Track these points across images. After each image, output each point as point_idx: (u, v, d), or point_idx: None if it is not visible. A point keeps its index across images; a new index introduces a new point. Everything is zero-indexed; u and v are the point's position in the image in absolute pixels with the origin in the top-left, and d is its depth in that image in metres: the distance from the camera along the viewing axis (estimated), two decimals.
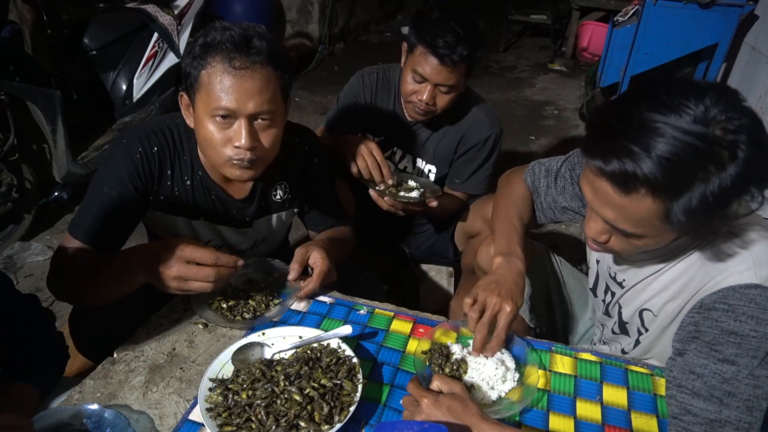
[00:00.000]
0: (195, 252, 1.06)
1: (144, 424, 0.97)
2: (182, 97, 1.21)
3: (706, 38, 3.51)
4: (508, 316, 1.07)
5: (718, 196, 0.80)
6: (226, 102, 1.11)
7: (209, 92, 1.11)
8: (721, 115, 0.80)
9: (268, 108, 1.14)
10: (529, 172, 1.36)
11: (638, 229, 0.91)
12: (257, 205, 1.41)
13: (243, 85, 1.10)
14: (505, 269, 1.14)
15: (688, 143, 0.79)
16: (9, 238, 2.61)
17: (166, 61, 3.09)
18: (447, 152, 1.89)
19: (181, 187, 1.31)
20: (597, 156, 0.86)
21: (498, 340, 1.07)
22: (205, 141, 1.17)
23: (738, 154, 0.79)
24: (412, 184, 1.76)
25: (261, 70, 1.12)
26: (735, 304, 0.91)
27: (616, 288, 1.21)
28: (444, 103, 1.69)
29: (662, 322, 1.10)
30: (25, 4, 2.65)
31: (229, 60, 1.09)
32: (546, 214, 1.34)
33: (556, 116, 4.62)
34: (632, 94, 0.91)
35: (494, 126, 1.84)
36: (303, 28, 5.75)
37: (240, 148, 1.14)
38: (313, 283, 1.26)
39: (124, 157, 1.23)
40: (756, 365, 0.89)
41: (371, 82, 1.88)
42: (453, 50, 1.55)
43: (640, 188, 0.83)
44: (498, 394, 1.04)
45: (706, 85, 0.84)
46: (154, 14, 2.99)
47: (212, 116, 1.13)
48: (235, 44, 1.10)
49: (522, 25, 6.91)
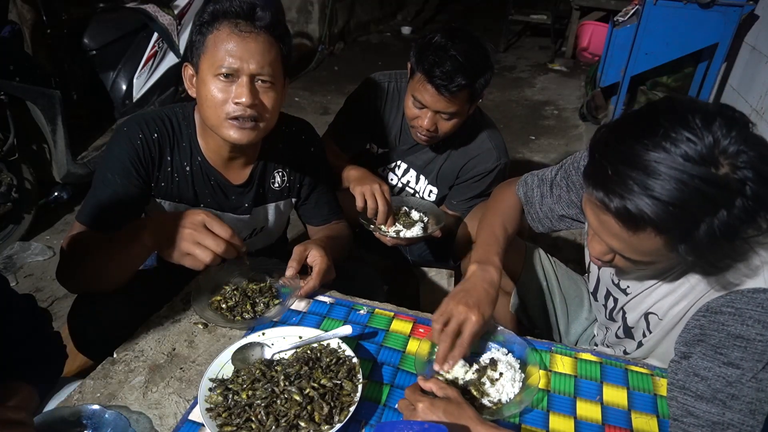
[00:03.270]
0: (214, 219, 1.10)
1: (144, 424, 0.97)
2: (186, 67, 1.27)
3: (706, 38, 3.51)
4: (473, 326, 1.05)
5: (725, 231, 0.79)
6: (230, 60, 1.17)
7: (215, 53, 1.18)
8: (731, 147, 0.77)
9: (269, 71, 1.20)
10: (522, 184, 1.35)
11: (645, 257, 0.91)
12: (256, 192, 1.43)
13: (246, 46, 1.17)
14: (478, 278, 1.12)
15: (695, 188, 0.76)
16: (9, 238, 2.61)
17: (166, 61, 3.09)
18: (450, 175, 1.86)
19: (181, 173, 1.34)
20: (600, 190, 0.84)
21: (460, 350, 1.05)
22: (207, 100, 1.21)
23: (746, 191, 0.77)
24: (414, 216, 1.76)
25: (264, 35, 1.19)
26: (742, 308, 0.91)
27: (620, 294, 1.21)
28: (447, 129, 1.64)
29: (667, 325, 1.10)
30: (25, 4, 2.65)
31: (235, 24, 1.18)
32: (543, 224, 1.32)
33: (556, 116, 4.62)
34: (634, 124, 0.86)
35: (501, 158, 1.79)
36: (303, 28, 5.75)
37: (240, 104, 1.18)
38: (313, 282, 1.26)
39: (126, 144, 1.27)
40: (760, 369, 0.88)
41: (381, 92, 1.83)
42: (450, 80, 1.49)
43: (647, 227, 0.82)
44: (508, 397, 1.03)
45: (713, 111, 0.80)
46: (154, 14, 2.99)
47: (216, 75, 1.18)
48: (242, 10, 1.18)
49: (522, 25, 6.91)
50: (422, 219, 1.77)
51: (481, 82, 1.57)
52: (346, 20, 6.26)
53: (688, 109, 0.81)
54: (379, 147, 1.90)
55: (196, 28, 1.22)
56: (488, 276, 1.13)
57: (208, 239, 1.07)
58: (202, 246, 1.07)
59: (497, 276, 1.14)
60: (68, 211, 2.90)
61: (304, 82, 5.09)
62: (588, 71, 4.93)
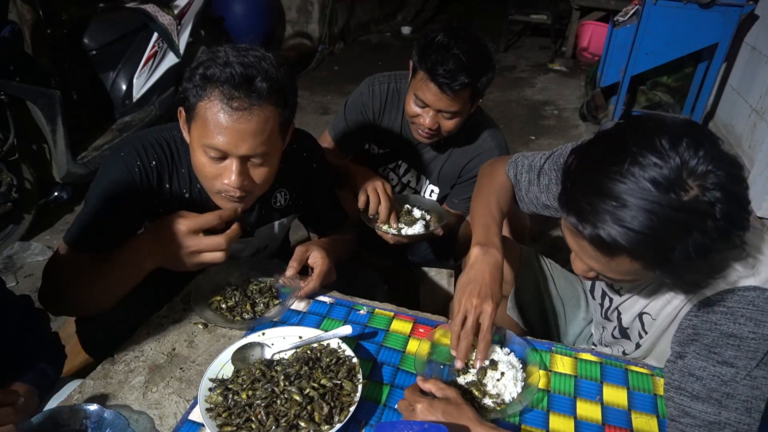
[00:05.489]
0: (197, 221, 1.07)
1: (144, 424, 0.97)
2: (181, 112, 1.18)
3: (706, 38, 3.51)
4: (491, 317, 1.05)
5: (699, 251, 0.79)
6: (218, 142, 1.08)
7: (204, 126, 1.08)
8: (699, 167, 0.77)
9: (262, 150, 1.12)
10: (512, 164, 1.34)
11: (625, 277, 0.92)
12: (258, 214, 1.39)
13: (238, 127, 1.06)
14: (482, 263, 1.12)
15: (665, 216, 0.77)
16: (9, 238, 2.61)
17: (166, 60, 3.09)
18: (452, 175, 1.86)
19: (180, 200, 1.28)
20: (573, 217, 0.85)
21: (485, 343, 1.06)
22: (197, 169, 1.16)
23: (715, 213, 0.77)
24: (416, 214, 1.76)
25: (259, 112, 1.07)
26: (734, 307, 0.91)
27: (614, 295, 1.21)
28: (448, 128, 1.64)
29: (661, 325, 1.10)
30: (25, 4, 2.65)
31: (228, 98, 1.05)
32: (528, 207, 1.32)
33: (556, 116, 4.62)
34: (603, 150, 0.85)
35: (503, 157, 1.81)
36: (303, 28, 5.75)
37: (229, 186, 1.13)
38: (313, 283, 1.26)
39: (123, 170, 1.20)
40: (754, 366, 0.89)
41: (381, 93, 1.82)
42: (453, 79, 1.49)
43: (622, 253, 0.83)
44: (510, 396, 1.03)
45: (680, 131, 0.80)
46: (154, 14, 2.99)
47: (204, 151, 1.11)
48: (234, 84, 1.05)
49: (522, 25, 6.91)
50: (424, 217, 1.76)
51: (483, 81, 1.57)
52: (346, 20, 6.26)
53: (655, 131, 0.81)
54: (380, 147, 1.89)
55: (189, 87, 1.09)
56: (492, 259, 1.13)
57: (204, 242, 1.06)
58: (206, 252, 1.06)
59: (500, 257, 1.14)
60: (68, 211, 2.90)
61: (304, 82, 5.09)
62: (588, 71, 4.93)
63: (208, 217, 1.08)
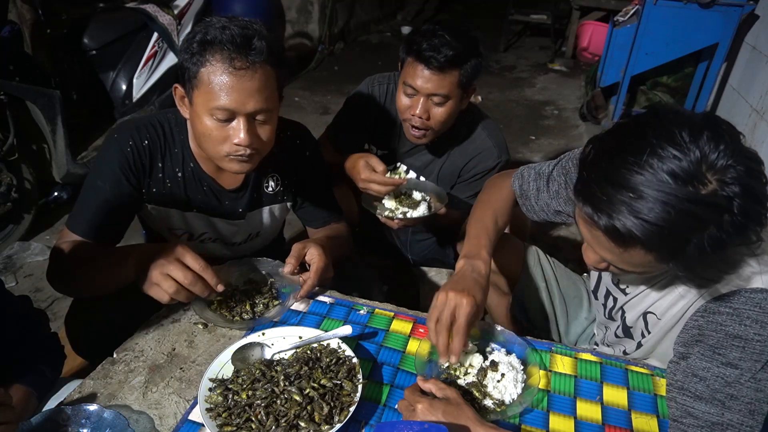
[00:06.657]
0: (187, 255, 1.10)
1: (144, 424, 0.97)
2: (176, 88, 1.22)
3: (706, 38, 3.51)
4: (466, 308, 1.03)
5: (714, 245, 0.79)
6: (226, 102, 1.12)
7: (209, 91, 1.12)
8: (719, 162, 0.76)
9: (266, 106, 1.16)
10: (518, 177, 1.34)
11: (638, 269, 0.91)
12: (249, 197, 1.42)
13: (243, 85, 1.11)
14: (465, 270, 1.12)
15: (682, 209, 0.76)
16: (9, 238, 2.61)
17: (166, 60, 3.09)
18: (450, 175, 1.85)
19: (174, 179, 1.33)
20: (589, 207, 0.84)
21: (459, 337, 1.03)
22: (203, 136, 1.19)
23: (733, 208, 0.76)
24: (417, 196, 1.75)
25: (260, 70, 1.13)
26: (740, 308, 0.91)
27: (619, 294, 1.21)
28: (439, 118, 1.61)
29: (665, 325, 1.10)
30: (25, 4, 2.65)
31: (230, 60, 1.10)
32: (539, 216, 1.32)
33: (556, 116, 4.62)
34: (622, 140, 0.85)
35: (502, 155, 1.79)
36: (303, 28, 5.75)
37: (239, 145, 1.16)
38: (311, 280, 1.26)
39: (116, 151, 1.26)
40: (759, 369, 0.89)
41: (380, 94, 1.83)
42: (438, 51, 1.50)
43: (636, 245, 0.82)
44: (511, 397, 1.03)
45: (701, 124, 0.79)
46: (153, 14, 2.99)
47: (211, 114, 1.14)
48: (235, 44, 1.10)
49: (522, 25, 6.91)
50: (425, 198, 1.76)
51: (469, 67, 1.57)
52: (346, 20, 6.26)
53: (675, 123, 0.80)
54: (378, 149, 1.89)
55: (186, 56, 1.13)
56: (476, 268, 1.13)
57: (177, 270, 1.07)
58: (169, 278, 1.08)
59: (485, 268, 1.13)
60: (68, 211, 2.86)
61: (304, 82, 5.09)
62: (588, 71, 4.93)
63: (198, 260, 1.10)
